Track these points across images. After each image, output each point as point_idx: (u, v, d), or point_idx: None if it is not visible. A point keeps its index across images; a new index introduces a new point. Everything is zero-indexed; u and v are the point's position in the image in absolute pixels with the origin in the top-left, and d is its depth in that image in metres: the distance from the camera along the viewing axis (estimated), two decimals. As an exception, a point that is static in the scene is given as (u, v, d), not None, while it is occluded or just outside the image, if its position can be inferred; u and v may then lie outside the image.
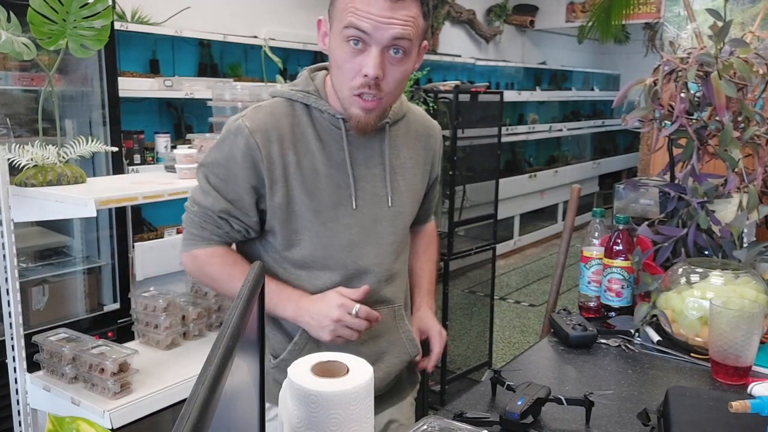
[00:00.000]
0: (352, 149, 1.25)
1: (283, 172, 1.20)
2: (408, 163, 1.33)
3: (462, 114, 3.33)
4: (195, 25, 3.81)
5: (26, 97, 2.73)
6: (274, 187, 1.20)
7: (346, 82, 1.16)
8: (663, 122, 1.60)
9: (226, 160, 1.21)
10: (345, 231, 1.24)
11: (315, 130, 1.24)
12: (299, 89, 1.26)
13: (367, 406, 0.88)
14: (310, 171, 1.22)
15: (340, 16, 1.13)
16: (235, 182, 1.21)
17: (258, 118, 1.21)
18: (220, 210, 1.22)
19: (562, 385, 1.22)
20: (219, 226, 1.24)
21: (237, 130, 1.21)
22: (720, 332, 1.23)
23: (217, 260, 1.27)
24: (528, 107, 7.32)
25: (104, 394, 1.67)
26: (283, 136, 1.21)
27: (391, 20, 1.11)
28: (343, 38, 1.13)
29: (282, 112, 1.23)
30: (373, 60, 1.12)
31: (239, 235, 1.27)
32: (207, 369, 0.57)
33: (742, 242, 1.55)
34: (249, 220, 1.24)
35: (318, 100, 1.24)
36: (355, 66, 1.14)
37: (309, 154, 1.22)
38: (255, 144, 1.18)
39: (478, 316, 3.85)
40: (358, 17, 1.10)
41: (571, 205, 2.29)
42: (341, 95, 1.19)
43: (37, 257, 2.67)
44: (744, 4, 2.11)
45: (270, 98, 1.29)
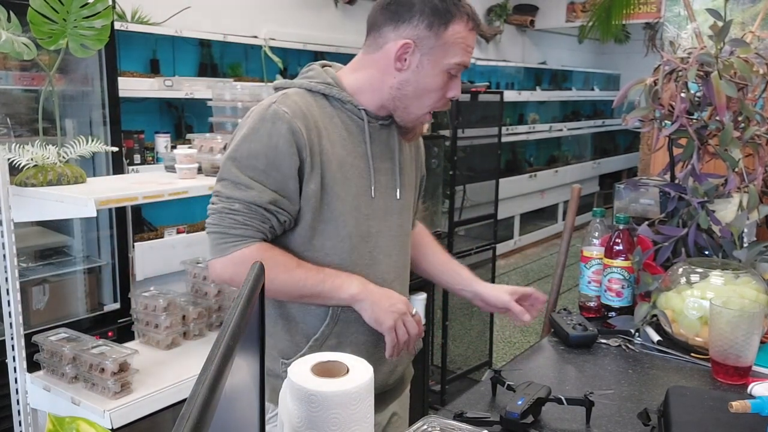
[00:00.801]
0: (371, 141, 1.28)
1: (320, 159, 1.20)
2: (407, 160, 1.38)
3: (462, 114, 3.33)
4: (195, 25, 3.81)
5: (26, 97, 2.73)
6: (311, 174, 1.19)
7: (430, 104, 1.25)
8: (663, 122, 1.60)
9: (267, 148, 1.17)
10: (364, 222, 1.26)
11: (340, 119, 1.26)
12: (320, 81, 1.26)
13: (367, 406, 0.88)
14: (341, 160, 1.23)
15: (448, 49, 1.20)
16: (279, 170, 1.17)
17: (291, 103, 1.19)
18: (267, 201, 1.17)
19: (563, 385, 1.22)
20: (264, 221, 1.18)
21: (274, 116, 1.17)
22: (720, 332, 1.23)
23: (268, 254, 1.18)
24: (528, 107, 7.32)
25: (104, 394, 1.67)
26: (317, 123, 1.21)
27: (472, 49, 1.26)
28: (446, 69, 1.22)
29: (308, 100, 1.23)
30: (459, 85, 1.26)
31: (280, 230, 1.22)
32: (207, 369, 0.57)
33: (742, 242, 1.55)
34: (293, 209, 1.21)
35: (341, 92, 1.25)
36: (443, 91, 1.25)
37: (339, 143, 1.24)
38: (299, 129, 1.17)
39: (478, 315, 3.85)
40: (467, 54, 1.23)
41: (572, 204, 2.29)
42: (414, 115, 1.27)
43: (37, 257, 2.67)
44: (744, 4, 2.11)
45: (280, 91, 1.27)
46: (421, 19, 1.18)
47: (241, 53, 4.28)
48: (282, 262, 1.20)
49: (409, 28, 1.19)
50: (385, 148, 1.31)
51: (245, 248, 1.17)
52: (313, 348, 1.25)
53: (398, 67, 1.22)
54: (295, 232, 1.24)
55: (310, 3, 4.80)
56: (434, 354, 3.30)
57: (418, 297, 2.89)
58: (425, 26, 1.18)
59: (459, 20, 1.19)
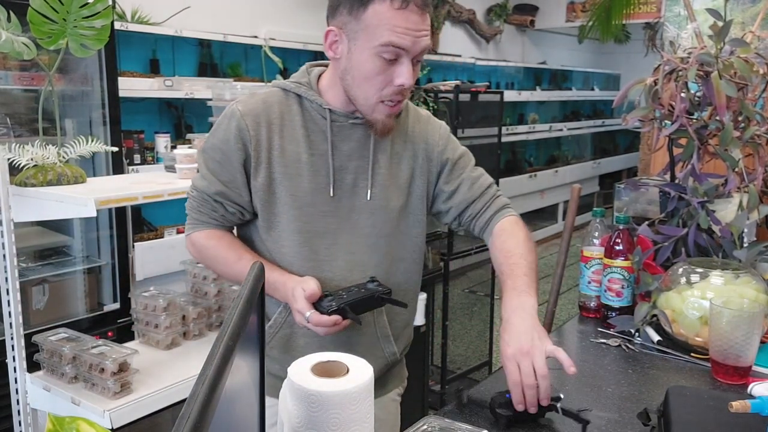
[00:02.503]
0: (336, 140, 1.29)
1: (268, 154, 1.26)
2: (394, 159, 1.34)
3: (462, 114, 3.33)
4: (195, 25, 3.81)
5: (26, 97, 2.73)
6: (258, 168, 1.26)
7: (374, 91, 1.21)
8: (663, 122, 1.60)
9: (221, 142, 1.27)
10: (322, 219, 1.28)
11: (303, 118, 1.29)
12: (294, 81, 1.32)
13: (368, 406, 0.88)
14: (293, 157, 1.27)
15: (372, 32, 1.16)
16: (230, 163, 1.26)
17: (250, 103, 1.28)
18: (214, 192, 1.28)
19: (562, 386, 1.22)
20: (214, 209, 1.30)
21: (231, 114, 1.27)
22: (720, 332, 1.23)
23: (213, 242, 1.32)
24: (528, 107, 7.32)
25: (104, 394, 1.67)
26: (272, 121, 1.27)
27: (422, 32, 1.18)
28: (376, 53, 1.17)
29: (275, 100, 1.29)
30: (408, 71, 1.18)
31: (235, 218, 1.32)
32: (207, 369, 0.57)
33: (742, 242, 1.55)
34: (242, 200, 1.29)
35: (308, 91, 1.29)
36: (387, 77, 1.19)
37: (294, 140, 1.27)
38: (245, 126, 1.25)
39: (478, 315, 3.85)
40: (399, 35, 1.15)
41: (572, 204, 2.29)
42: (364, 102, 1.23)
43: (37, 257, 2.67)
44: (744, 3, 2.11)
45: None
46: (345, 4, 1.18)
47: (241, 53, 4.28)
48: (223, 256, 1.31)
49: (337, 15, 1.20)
50: (355, 147, 1.30)
51: (198, 232, 1.33)
52: (268, 334, 1.30)
53: (331, 56, 1.24)
54: (256, 221, 1.31)
55: (310, 3, 4.80)
56: (434, 354, 3.31)
57: (417, 297, 2.89)
58: (347, 11, 1.18)
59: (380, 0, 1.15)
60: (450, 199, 1.39)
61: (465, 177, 1.40)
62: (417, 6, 1.16)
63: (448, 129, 1.44)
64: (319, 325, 1.17)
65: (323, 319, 1.17)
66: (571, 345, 1.49)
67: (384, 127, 1.26)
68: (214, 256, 1.33)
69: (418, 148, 1.37)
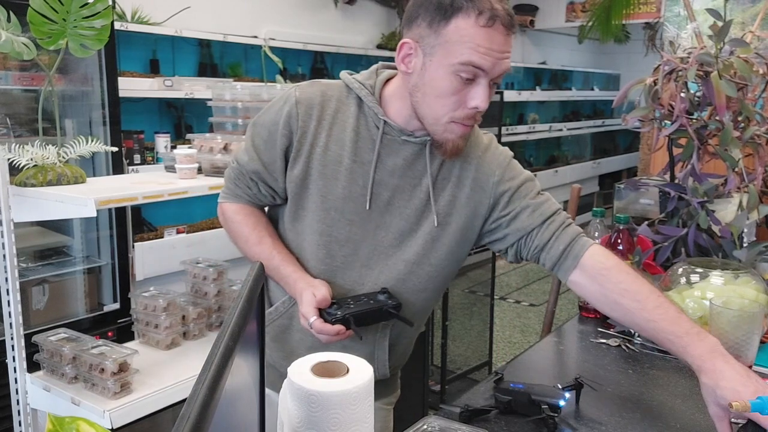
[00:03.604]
0: (383, 153, 1.22)
1: (310, 149, 1.22)
2: (442, 185, 1.25)
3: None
4: (195, 25, 3.81)
5: (26, 97, 2.73)
6: (297, 159, 1.23)
7: (445, 111, 1.14)
8: (663, 122, 1.60)
9: (271, 123, 1.25)
10: (346, 228, 1.23)
11: (356, 122, 1.23)
12: (360, 80, 1.25)
13: (367, 406, 0.88)
14: (335, 158, 1.22)
15: (451, 48, 1.09)
16: (273, 146, 1.24)
17: (309, 91, 1.24)
18: (252, 171, 1.27)
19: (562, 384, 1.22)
20: (249, 186, 1.30)
21: (287, 97, 1.24)
22: (720, 332, 1.23)
23: (240, 218, 1.32)
24: (528, 107, 7.32)
25: (104, 394, 1.67)
26: (324, 116, 1.23)
27: (505, 54, 1.11)
28: (453, 71, 1.10)
29: (334, 95, 1.24)
30: (485, 93, 1.12)
31: (267, 199, 1.31)
32: (207, 369, 0.57)
33: (742, 242, 1.55)
34: (277, 185, 1.27)
35: (368, 96, 1.23)
36: (462, 97, 1.12)
37: (340, 142, 1.22)
38: (296, 114, 1.22)
39: (478, 315, 3.85)
40: (481, 55, 1.08)
41: (571, 204, 2.29)
42: (435, 121, 1.16)
43: (37, 257, 2.67)
44: (744, 3, 2.11)
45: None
46: (425, 16, 1.11)
47: (240, 53, 4.28)
48: (246, 234, 1.31)
49: (414, 27, 1.13)
50: (401, 165, 1.22)
51: (230, 203, 1.34)
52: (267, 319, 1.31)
53: (404, 70, 1.17)
54: (285, 208, 1.30)
55: (310, 3, 4.80)
56: (434, 354, 3.30)
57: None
58: (426, 24, 1.11)
59: (465, 15, 1.07)
60: (507, 227, 1.26)
61: (525, 204, 1.25)
62: (503, 25, 1.09)
63: (509, 156, 1.30)
64: (322, 333, 1.16)
65: (326, 328, 1.15)
66: (571, 345, 1.49)
67: (454, 147, 1.17)
68: (237, 231, 1.32)
69: (466, 176, 1.25)
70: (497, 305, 4.36)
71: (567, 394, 1.12)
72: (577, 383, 1.17)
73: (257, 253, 1.28)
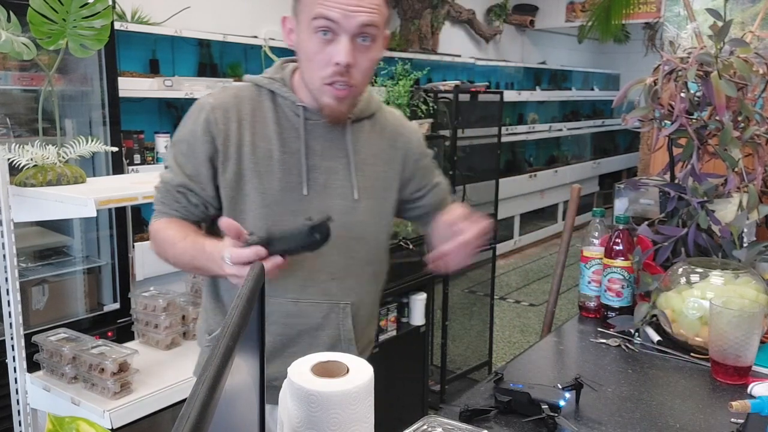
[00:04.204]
0: (309, 138, 1.27)
1: (237, 150, 1.24)
2: (369, 160, 1.32)
3: (462, 114, 3.33)
4: (195, 25, 3.81)
5: (26, 97, 2.73)
6: (226, 163, 1.24)
7: (317, 72, 1.19)
8: (663, 122, 1.60)
9: (189, 134, 1.25)
10: (291, 218, 1.23)
11: (276, 115, 1.27)
12: (268, 76, 1.30)
13: (367, 406, 0.88)
14: (265, 154, 1.25)
15: (307, 9, 1.16)
16: (195, 156, 1.24)
17: (222, 96, 1.26)
18: (177, 184, 1.26)
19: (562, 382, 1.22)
20: (177, 200, 1.27)
21: (201, 106, 1.26)
22: (720, 332, 1.23)
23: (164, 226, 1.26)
24: (528, 107, 7.32)
25: (104, 394, 1.67)
26: (243, 116, 1.25)
27: (359, 8, 1.15)
28: (312, 30, 1.16)
29: (247, 95, 1.28)
30: (344, 48, 1.15)
31: (198, 210, 1.28)
32: (207, 369, 0.57)
33: (742, 242, 1.55)
34: (206, 194, 1.26)
35: (282, 87, 1.27)
36: (326, 56, 1.17)
37: (266, 138, 1.25)
38: (214, 119, 1.23)
39: (478, 315, 3.85)
40: (327, 7, 1.13)
41: (571, 204, 2.29)
42: (312, 86, 1.22)
43: (37, 257, 2.67)
44: (744, 3, 2.11)
45: None
46: None
47: (240, 53, 4.28)
48: (171, 236, 1.24)
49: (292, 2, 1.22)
50: (330, 147, 1.28)
51: (158, 221, 1.29)
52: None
53: (290, 45, 1.24)
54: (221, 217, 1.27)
55: None
56: (434, 354, 3.30)
57: (417, 297, 2.89)
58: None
59: None
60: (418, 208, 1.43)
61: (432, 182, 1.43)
62: None
63: (421, 133, 1.44)
64: (240, 261, 1.05)
65: (243, 252, 1.05)
66: (571, 345, 1.49)
67: (332, 112, 1.23)
68: (162, 239, 1.26)
69: (396, 154, 1.36)
70: (497, 305, 4.36)
71: (567, 394, 1.12)
72: (577, 383, 1.17)
73: (182, 248, 1.21)
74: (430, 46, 5.65)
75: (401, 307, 2.88)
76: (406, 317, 2.91)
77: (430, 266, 1.25)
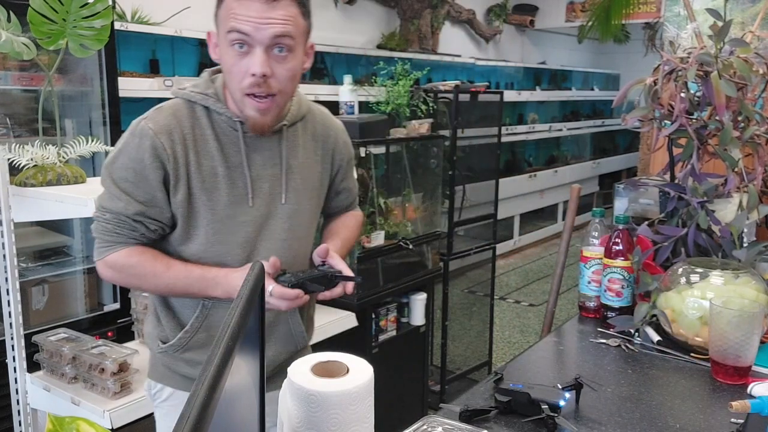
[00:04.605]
0: (249, 151, 1.30)
1: (186, 170, 1.26)
2: (306, 162, 1.38)
3: (462, 114, 3.33)
4: (195, 25, 3.81)
5: (26, 97, 2.72)
6: (177, 184, 1.26)
7: (236, 84, 1.22)
8: (663, 122, 1.60)
9: (134, 162, 1.25)
10: (241, 228, 1.29)
11: (214, 131, 1.29)
12: (199, 91, 1.30)
13: (367, 406, 0.88)
14: (210, 171, 1.27)
15: (223, 23, 1.21)
16: (146, 183, 1.25)
17: (160, 119, 1.27)
18: (134, 213, 1.26)
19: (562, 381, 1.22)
20: (134, 229, 1.27)
21: (141, 132, 1.26)
22: (720, 332, 1.23)
23: (136, 259, 1.28)
24: (528, 107, 7.32)
25: (104, 394, 1.67)
26: (185, 136, 1.26)
27: (270, 20, 1.18)
28: (228, 43, 1.20)
29: (183, 113, 1.28)
30: (259, 59, 1.19)
31: (155, 234, 1.30)
32: (207, 369, 0.57)
33: (742, 242, 1.55)
34: (164, 215, 1.28)
35: (216, 103, 1.29)
36: (243, 68, 1.20)
37: (208, 155, 1.28)
38: (160, 144, 1.24)
39: (478, 315, 3.85)
40: (239, 21, 1.18)
41: (571, 204, 2.29)
42: (235, 98, 1.25)
43: (37, 257, 2.67)
44: (744, 3, 2.11)
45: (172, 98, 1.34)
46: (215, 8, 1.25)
47: (240, 53, 4.28)
48: (150, 269, 1.27)
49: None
50: (269, 155, 1.32)
51: (115, 253, 1.28)
52: (182, 339, 1.33)
53: (216, 59, 1.27)
54: (172, 236, 1.31)
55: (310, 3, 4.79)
56: (434, 354, 3.31)
57: (417, 297, 2.89)
58: (215, 14, 1.24)
59: None
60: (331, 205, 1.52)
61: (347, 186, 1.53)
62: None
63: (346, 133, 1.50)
64: (283, 298, 1.21)
65: (287, 292, 1.21)
66: (571, 345, 1.49)
67: (255, 123, 1.26)
68: (141, 273, 1.28)
69: (323, 152, 1.43)
70: (497, 305, 4.36)
71: (567, 394, 1.12)
72: (577, 383, 1.17)
73: (172, 277, 1.27)
74: (430, 46, 5.65)
75: (401, 307, 2.88)
76: (406, 317, 2.91)
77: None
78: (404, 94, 3.03)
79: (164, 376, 1.38)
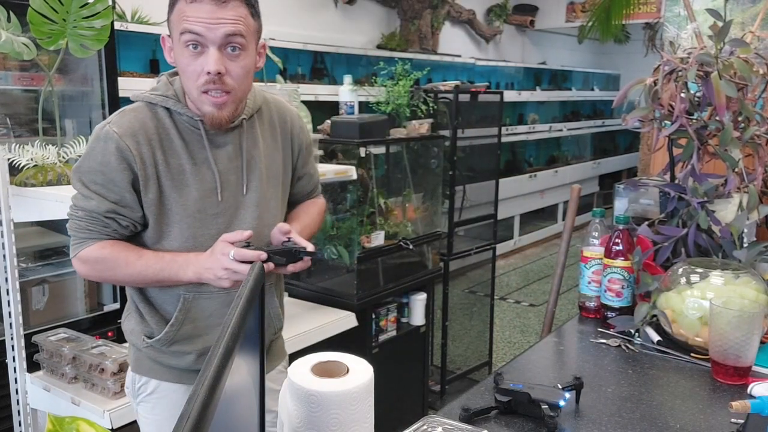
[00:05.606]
0: (213, 147, 1.35)
1: (154, 170, 1.30)
2: (267, 151, 1.43)
3: (462, 114, 3.33)
4: (195, 25, 3.81)
5: (26, 97, 2.72)
6: (147, 184, 1.29)
7: (192, 83, 1.27)
8: (663, 122, 1.60)
9: (101, 165, 1.28)
10: (213, 221, 1.34)
11: (178, 130, 1.33)
12: (159, 93, 1.34)
13: (368, 406, 0.88)
14: (178, 168, 1.32)
15: (176, 26, 1.27)
16: (115, 184, 1.28)
17: (124, 122, 1.30)
18: (105, 211, 1.29)
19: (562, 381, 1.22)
20: (106, 225, 1.31)
21: (106, 136, 1.28)
22: (720, 332, 1.23)
23: (107, 251, 1.31)
24: (528, 107, 7.32)
25: (104, 394, 1.67)
26: (151, 137, 1.30)
27: (221, 20, 1.23)
28: (183, 45, 1.25)
29: (146, 115, 1.32)
30: (212, 57, 1.24)
31: (127, 231, 1.33)
32: (207, 369, 0.57)
33: (742, 242, 1.55)
34: (134, 214, 1.31)
35: (177, 104, 1.33)
36: (198, 67, 1.25)
37: (175, 153, 1.32)
38: (126, 147, 1.27)
39: (478, 316, 3.85)
40: (191, 22, 1.23)
41: (571, 205, 2.29)
42: (192, 98, 1.30)
43: (37, 257, 2.67)
44: (744, 4, 2.11)
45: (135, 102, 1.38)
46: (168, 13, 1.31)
47: (240, 53, 4.28)
48: (123, 258, 1.31)
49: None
50: (232, 149, 1.37)
51: (87, 248, 1.31)
52: (169, 333, 1.36)
53: (171, 62, 1.32)
54: (145, 233, 1.34)
55: (310, 3, 4.80)
56: (434, 354, 3.31)
57: (417, 297, 2.89)
58: (168, 19, 1.30)
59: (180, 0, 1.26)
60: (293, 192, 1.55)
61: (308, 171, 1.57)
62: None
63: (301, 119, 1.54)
64: (243, 259, 1.22)
65: (247, 253, 1.23)
66: (571, 345, 1.49)
67: (213, 119, 1.30)
68: (113, 264, 1.31)
69: (282, 139, 1.47)
70: (497, 305, 4.37)
71: (567, 394, 1.12)
72: (577, 383, 1.17)
73: (143, 264, 1.30)
74: (430, 47, 5.65)
75: (401, 307, 2.88)
76: (406, 317, 2.91)
77: None
78: (404, 94, 3.03)
79: (150, 369, 1.41)
